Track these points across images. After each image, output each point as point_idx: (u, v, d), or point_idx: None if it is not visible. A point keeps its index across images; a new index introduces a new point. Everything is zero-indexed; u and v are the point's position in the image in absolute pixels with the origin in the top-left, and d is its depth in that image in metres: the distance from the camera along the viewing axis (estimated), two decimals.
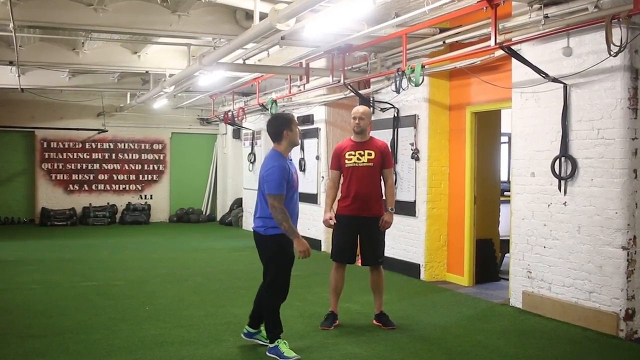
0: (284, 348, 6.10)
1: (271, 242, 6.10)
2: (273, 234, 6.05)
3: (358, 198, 7.11)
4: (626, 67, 6.63)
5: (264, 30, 7.66)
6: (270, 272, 6.19)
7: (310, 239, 13.53)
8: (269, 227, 6.05)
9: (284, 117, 6.39)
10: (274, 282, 6.18)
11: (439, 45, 9.15)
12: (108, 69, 13.70)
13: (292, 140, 6.22)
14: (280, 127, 6.18)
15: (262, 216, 6.10)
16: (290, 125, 6.20)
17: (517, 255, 8.12)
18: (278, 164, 5.99)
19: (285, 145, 6.18)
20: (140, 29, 9.52)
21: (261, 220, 6.12)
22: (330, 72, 10.68)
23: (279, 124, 6.23)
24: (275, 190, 5.88)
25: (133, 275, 10.59)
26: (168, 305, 8.29)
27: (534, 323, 7.40)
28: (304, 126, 14.03)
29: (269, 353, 6.13)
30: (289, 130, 6.17)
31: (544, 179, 7.66)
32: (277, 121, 6.30)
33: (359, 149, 7.18)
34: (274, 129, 6.22)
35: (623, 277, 6.69)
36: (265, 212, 6.04)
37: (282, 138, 6.16)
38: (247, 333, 6.51)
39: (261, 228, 6.12)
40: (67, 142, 19.53)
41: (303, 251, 6.03)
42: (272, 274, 6.18)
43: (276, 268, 6.16)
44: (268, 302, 6.20)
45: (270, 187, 5.90)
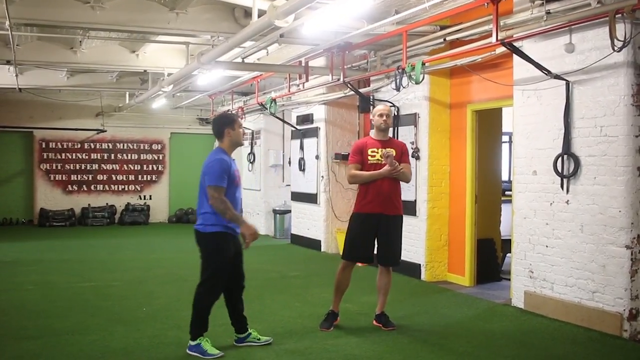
0: (206, 345, 6.06)
1: (210, 240, 6.05)
2: (212, 232, 6.02)
3: (381, 195, 6.93)
4: (630, 63, 6.54)
5: (262, 27, 7.58)
6: (207, 269, 6.13)
7: (310, 239, 13.52)
8: (207, 224, 6.02)
9: (227, 116, 6.45)
10: (210, 280, 6.13)
11: (439, 43, 9.07)
12: (106, 68, 13.61)
13: (234, 139, 6.23)
14: (222, 126, 6.22)
15: (202, 213, 6.07)
16: (232, 124, 6.22)
17: (518, 255, 8.02)
18: (219, 158, 6.03)
19: (227, 143, 6.20)
20: (137, 26, 9.44)
21: (201, 218, 6.09)
22: (330, 71, 10.57)
23: (222, 122, 6.27)
24: (214, 182, 5.90)
25: (131, 275, 10.49)
26: (166, 306, 8.20)
27: (536, 323, 7.30)
28: (304, 125, 13.97)
29: (190, 351, 6.08)
30: (230, 129, 6.18)
31: (546, 177, 7.56)
32: (220, 120, 6.34)
33: (382, 147, 7.02)
34: (217, 128, 6.27)
35: (627, 277, 6.59)
36: (205, 208, 6.02)
37: (224, 136, 6.19)
38: (237, 339, 6.42)
39: (201, 225, 6.08)
40: (66, 143, 19.43)
41: (251, 234, 6.01)
42: (209, 272, 6.12)
43: (213, 266, 6.09)
44: (200, 299, 6.15)
45: (211, 178, 5.91)
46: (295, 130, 14.36)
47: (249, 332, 6.41)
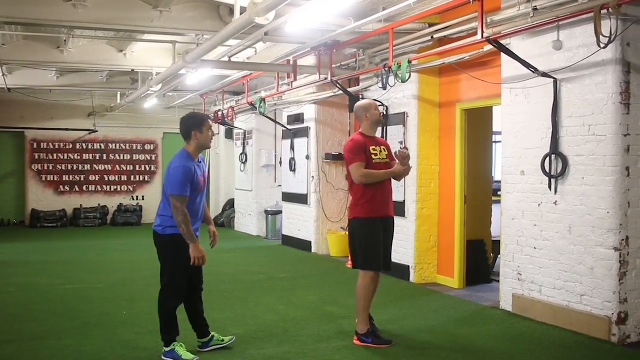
0: (181, 351, 5.91)
1: (169, 242, 5.88)
2: (171, 234, 5.84)
3: (387, 196, 6.58)
4: (618, 60, 6.37)
5: (244, 25, 7.43)
6: (167, 272, 5.97)
7: (301, 240, 13.36)
8: (166, 226, 5.86)
9: (196, 117, 6.10)
10: (170, 283, 5.96)
11: (427, 41, 8.92)
12: (94, 67, 13.46)
13: (202, 142, 5.96)
14: (190, 128, 5.94)
15: (162, 215, 5.90)
16: (200, 126, 5.93)
17: (507, 257, 7.86)
18: (183, 165, 5.75)
19: (194, 146, 5.93)
20: (120, 25, 9.26)
21: (160, 219, 5.92)
22: (318, 70, 10.41)
23: (190, 124, 5.97)
24: (177, 191, 5.67)
25: (116, 277, 10.32)
26: (147, 309, 8.01)
27: (523, 327, 7.13)
28: (295, 125, 13.81)
29: (165, 357, 5.92)
30: (198, 132, 5.91)
31: (534, 177, 7.40)
32: (189, 121, 6.01)
33: (377, 145, 6.63)
34: (184, 128, 5.98)
35: (615, 280, 6.43)
36: (166, 211, 5.84)
37: (191, 139, 5.93)
38: (202, 345, 6.24)
39: (159, 227, 5.92)
40: (58, 143, 19.26)
41: (198, 258, 5.83)
42: (169, 275, 5.96)
43: (173, 268, 5.94)
44: (163, 304, 5.98)
45: (173, 187, 5.69)
46: (286, 130, 14.20)
47: (212, 335, 6.25)
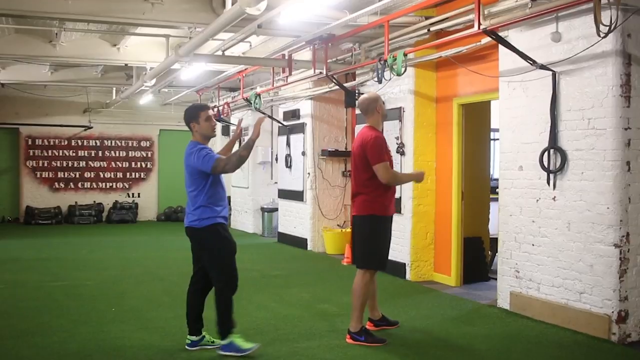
0: (239, 341, 5.77)
1: (210, 232, 5.76)
2: (209, 225, 5.74)
3: (394, 194, 6.57)
4: (618, 51, 6.20)
5: (235, 16, 7.26)
6: (216, 264, 5.82)
7: (296, 237, 13.20)
8: (203, 218, 5.75)
9: (193, 108, 6.03)
10: (224, 272, 5.81)
11: (423, 34, 8.75)
12: (87, 62, 13.23)
13: (203, 132, 5.90)
14: (188, 120, 5.92)
15: (196, 207, 5.76)
16: (196, 118, 5.87)
17: (504, 254, 7.69)
18: (202, 146, 5.75)
19: (198, 137, 5.89)
20: (111, 17, 9.02)
21: (194, 214, 5.78)
22: (312, 64, 10.23)
23: (188, 116, 5.94)
24: (211, 162, 5.62)
25: (107, 274, 10.15)
26: (136, 306, 7.87)
27: (520, 325, 6.96)
28: (290, 121, 13.64)
29: (223, 351, 5.78)
30: (195, 123, 5.86)
31: (532, 172, 7.23)
32: (186, 114, 5.98)
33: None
34: (185, 122, 5.97)
35: (615, 277, 6.26)
36: (200, 202, 5.73)
37: (192, 130, 5.89)
38: (191, 343, 6.05)
39: (195, 222, 5.78)
40: (53, 139, 19.08)
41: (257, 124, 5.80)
42: (219, 266, 5.81)
43: (221, 259, 5.80)
44: (222, 294, 5.81)
45: (211, 159, 5.63)
46: (282, 126, 14.03)
47: (204, 335, 6.08)
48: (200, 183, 5.74)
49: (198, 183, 5.75)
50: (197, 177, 5.75)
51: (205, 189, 5.74)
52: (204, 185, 5.73)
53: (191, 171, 5.76)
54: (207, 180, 5.73)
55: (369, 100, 6.57)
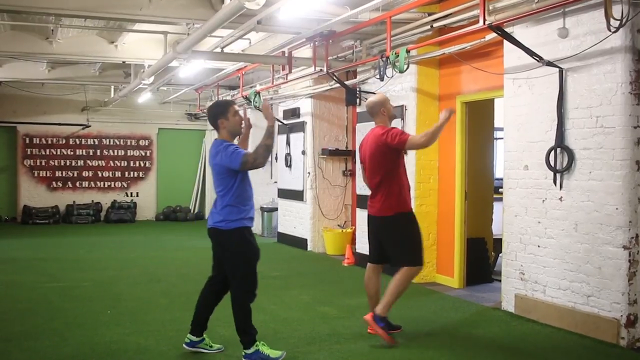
0: (266, 350, 5.59)
1: (235, 235, 5.56)
2: (236, 228, 5.54)
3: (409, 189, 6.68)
4: (627, 47, 6.02)
5: (234, 11, 7.08)
6: (238, 269, 5.62)
7: (296, 237, 13.03)
8: (230, 220, 5.53)
9: (219, 105, 5.86)
10: (246, 277, 5.63)
11: (426, 30, 8.56)
12: (84, 59, 13.10)
13: (231, 129, 5.70)
14: (215, 117, 5.70)
15: (223, 207, 5.56)
16: (225, 113, 5.66)
17: (509, 256, 7.51)
18: (228, 143, 5.57)
19: (225, 135, 5.69)
20: (107, 13, 8.85)
21: (220, 214, 5.58)
22: (313, 61, 10.05)
23: (214, 113, 5.73)
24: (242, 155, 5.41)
25: (104, 275, 9.97)
26: (132, 308, 7.69)
27: (526, 329, 6.79)
28: (290, 120, 13.47)
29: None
30: (224, 119, 5.65)
31: (538, 172, 7.05)
32: (212, 110, 5.78)
33: None
34: (211, 119, 5.79)
35: (624, 280, 6.08)
36: (226, 201, 5.54)
37: (219, 128, 5.69)
38: (190, 342, 5.89)
39: (222, 223, 5.57)
40: (50, 138, 18.89)
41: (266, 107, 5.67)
42: (241, 271, 5.62)
43: (244, 265, 5.61)
44: (242, 300, 5.63)
45: (239, 155, 5.42)
46: (282, 125, 13.85)
47: (204, 337, 5.92)
48: (229, 182, 5.54)
49: (227, 182, 5.54)
50: (225, 176, 5.55)
51: (234, 188, 5.54)
52: (232, 184, 5.53)
53: (219, 170, 5.56)
54: (235, 178, 5.54)
55: (373, 103, 6.59)
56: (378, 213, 6.41)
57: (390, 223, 6.39)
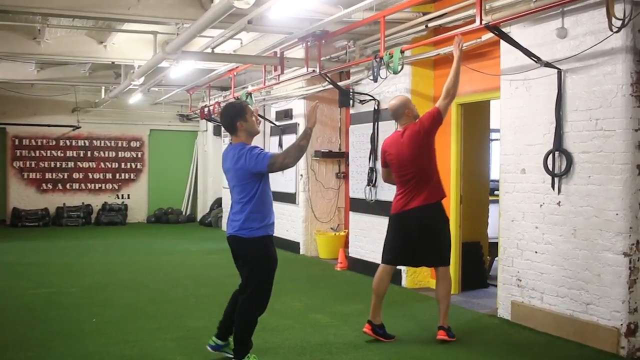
0: None
1: (257, 245, 5.39)
2: (259, 236, 5.37)
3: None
4: (628, 48, 5.83)
5: (223, 10, 6.90)
6: (255, 279, 5.44)
7: (289, 241, 12.83)
8: (253, 228, 5.35)
9: (235, 106, 5.65)
10: (259, 290, 5.46)
11: (421, 30, 8.36)
12: (73, 59, 12.90)
13: (249, 130, 5.52)
14: (233, 119, 5.50)
15: (245, 214, 5.36)
16: (243, 115, 5.48)
17: (505, 261, 7.33)
18: (250, 146, 5.39)
19: (243, 136, 5.50)
20: (95, 12, 8.65)
21: (241, 222, 5.37)
22: (305, 62, 9.85)
23: (232, 115, 5.52)
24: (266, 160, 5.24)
25: (91, 280, 9.75)
26: (119, 316, 7.48)
27: (523, 337, 6.60)
28: (283, 121, 13.27)
29: None
30: (242, 121, 5.47)
31: (535, 176, 6.86)
32: (230, 112, 5.57)
33: None
34: (227, 122, 5.57)
35: (624, 288, 5.89)
36: (248, 208, 5.34)
37: (237, 130, 5.48)
38: (215, 345, 5.74)
39: (244, 231, 5.37)
40: (40, 139, 18.67)
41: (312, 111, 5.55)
42: (257, 281, 5.44)
43: (263, 273, 5.45)
44: (247, 313, 5.47)
45: (265, 156, 5.26)
46: (274, 127, 13.65)
47: (229, 342, 5.71)
48: (253, 188, 5.34)
49: (250, 188, 5.34)
50: (249, 181, 5.34)
51: (257, 194, 5.35)
52: (256, 190, 5.34)
53: (242, 175, 5.35)
54: (259, 183, 5.35)
55: (397, 106, 6.61)
56: (422, 202, 6.36)
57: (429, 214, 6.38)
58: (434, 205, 6.41)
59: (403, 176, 6.49)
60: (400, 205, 6.47)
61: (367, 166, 10.04)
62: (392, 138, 6.70)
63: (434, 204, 6.41)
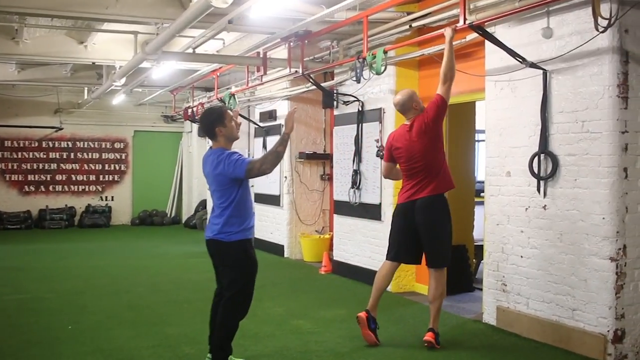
0: None
1: (237, 249, 5.29)
2: (238, 240, 5.28)
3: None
4: (615, 48, 5.71)
5: (202, 10, 6.74)
6: (236, 283, 5.32)
7: (273, 243, 12.68)
8: (232, 232, 5.27)
9: (214, 112, 5.53)
10: (242, 291, 5.34)
11: (405, 30, 8.21)
12: (53, 60, 12.66)
13: (228, 135, 5.42)
14: (212, 125, 5.40)
15: (224, 218, 5.28)
16: (222, 120, 5.39)
17: (490, 266, 7.20)
18: (229, 151, 5.30)
19: (223, 142, 5.40)
20: (72, 12, 8.44)
21: (220, 225, 5.29)
22: (288, 62, 9.68)
23: (211, 121, 5.43)
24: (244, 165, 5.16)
25: (70, 285, 9.55)
26: (96, 323, 7.29)
27: (508, 343, 6.47)
28: (267, 122, 13.12)
29: None
30: (222, 127, 5.37)
31: (521, 179, 6.73)
32: (208, 118, 5.48)
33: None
34: (206, 128, 5.47)
35: (611, 293, 5.77)
36: (227, 213, 5.26)
37: (216, 135, 5.38)
38: None
39: (223, 235, 5.29)
40: (22, 141, 18.37)
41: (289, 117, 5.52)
42: (238, 286, 5.32)
43: (243, 278, 5.34)
44: (232, 316, 5.35)
45: (243, 162, 5.18)
46: (258, 128, 13.49)
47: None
48: (232, 193, 5.27)
49: (229, 193, 5.27)
50: (228, 187, 5.27)
51: (237, 199, 5.28)
52: (235, 195, 5.27)
53: (221, 180, 5.28)
54: (238, 188, 5.28)
55: (404, 100, 6.56)
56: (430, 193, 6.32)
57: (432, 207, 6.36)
58: (441, 198, 6.38)
59: (412, 169, 6.41)
60: (408, 195, 6.44)
61: (352, 168, 9.89)
62: (399, 132, 6.63)
63: (441, 197, 6.39)
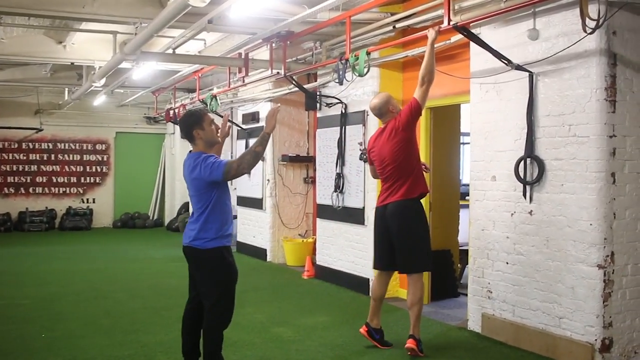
0: None
1: (214, 256, 5.10)
2: (214, 247, 5.09)
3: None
4: (602, 50, 5.58)
5: (179, 9, 6.58)
6: (216, 288, 5.13)
7: (255, 247, 12.50)
8: (207, 239, 5.08)
9: (193, 115, 5.35)
10: (221, 299, 5.14)
11: (388, 31, 8.06)
12: (31, 60, 12.39)
13: (207, 139, 5.22)
14: (191, 128, 5.21)
15: (200, 224, 5.10)
16: (201, 123, 5.20)
17: (475, 272, 7.04)
18: (206, 155, 5.11)
19: (201, 145, 5.20)
20: (47, 11, 8.18)
21: (197, 231, 5.11)
22: (270, 63, 9.51)
23: (188, 124, 5.25)
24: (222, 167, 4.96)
25: (46, 291, 9.32)
26: (71, 331, 7.08)
27: (493, 352, 6.32)
28: (250, 124, 12.93)
29: None
30: (199, 129, 5.18)
31: (506, 183, 6.59)
32: (186, 121, 5.30)
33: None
34: (185, 130, 5.28)
35: (599, 301, 5.64)
36: (203, 218, 5.09)
37: (195, 139, 5.20)
38: None
39: (198, 241, 5.10)
40: (2, 142, 18.04)
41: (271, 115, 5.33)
42: (218, 294, 5.13)
43: (220, 287, 5.14)
44: (212, 332, 5.13)
45: (220, 164, 4.98)
46: (241, 130, 13.29)
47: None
48: (209, 197, 5.08)
49: (206, 198, 5.08)
50: (205, 191, 5.08)
51: (212, 203, 5.08)
52: (211, 200, 5.08)
53: (198, 185, 5.09)
54: (214, 192, 5.08)
55: (380, 104, 6.50)
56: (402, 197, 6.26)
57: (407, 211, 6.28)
58: (412, 203, 6.29)
59: (385, 172, 6.40)
60: (382, 199, 6.44)
61: (335, 171, 9.72)
62: (375, 135, 6.64)
63: (413, 200, 6.30)
